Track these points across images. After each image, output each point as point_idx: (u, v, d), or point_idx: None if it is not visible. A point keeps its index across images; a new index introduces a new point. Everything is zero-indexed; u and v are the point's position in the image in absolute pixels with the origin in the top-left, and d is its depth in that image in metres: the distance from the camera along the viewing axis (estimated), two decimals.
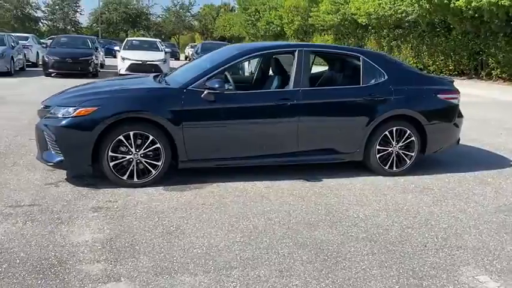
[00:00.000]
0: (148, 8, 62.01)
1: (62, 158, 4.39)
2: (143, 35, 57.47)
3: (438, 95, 5.35)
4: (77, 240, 3.38)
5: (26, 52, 18.53)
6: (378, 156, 5.20)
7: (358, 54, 5.27)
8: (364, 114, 5.05)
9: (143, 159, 4.54)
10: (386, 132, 5.17)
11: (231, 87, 5.09)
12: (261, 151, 4.87)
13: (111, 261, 3.09)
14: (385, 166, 5.25)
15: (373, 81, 5.17)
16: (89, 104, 4.40)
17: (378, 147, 5.18)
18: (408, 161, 5.31)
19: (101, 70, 18.65)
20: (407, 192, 4.77)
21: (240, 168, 5.03)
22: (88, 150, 4.33)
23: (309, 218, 3.97)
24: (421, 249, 3.49)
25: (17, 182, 4.60)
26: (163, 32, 63.29)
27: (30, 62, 18.89)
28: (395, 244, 3.55)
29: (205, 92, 4.54)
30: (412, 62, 25.79)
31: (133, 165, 4.52)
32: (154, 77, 5.44)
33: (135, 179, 4.54)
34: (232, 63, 4.86)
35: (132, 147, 4.48)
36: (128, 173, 4.51)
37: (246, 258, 3.21)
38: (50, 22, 59.93)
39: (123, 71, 15.84)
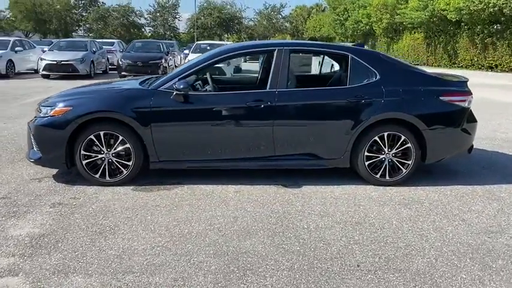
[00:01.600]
0: (240, 12, 63.71)
1: (41, 155, 4.66)
2: (238, 39, 59.25)
3: (441, 97, 4.73)
4: (13, 234, 3.56)
5: (110, 56, 20.06)
6: (366, 163, 4.75)
7: (346, 53, 4.85)
8: (348, 118, 4.65)
9: (114, 159, 4.64)
10: (376, 138, 4.70)
11: (208, 88, 5.02)
12: (234, 154, 4.72)
13: (24, 256, 3.20)
14: (376, 175, 4.78)
15: (361, 82, 4.73)
16: (64, 105, 4.62)
17: (366, 153, 4.73)
18: (404, 170, 4.78)
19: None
20: (387, 205, 4.30)
21: (224, 170, 4.93)
22: (62, 148, 4.54)
23: (252, 227, 3.75)
24: (350, 269, 3.11)
25: (9, 176, 4.98)
26: (255, 35, 64.55)
27: (114, 65, 20.46)
28: (325, 261, 3.21)
29: (174, 93, 4.52)
30: (509, 60, 23.33)
31: (105, 164, 4.65)
32: (149, 78, 5.54)
33: (107, 178, 4.66)
34: (204, 64, 4.76)
35: (103, 147, 4.61)
36: (100, 171, 4.65)
37: (152, 264, 3.13)
38: (151, 28, 64.34)
39: None
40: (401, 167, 4.79)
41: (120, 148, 4.61)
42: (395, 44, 37.25)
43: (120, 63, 16.90)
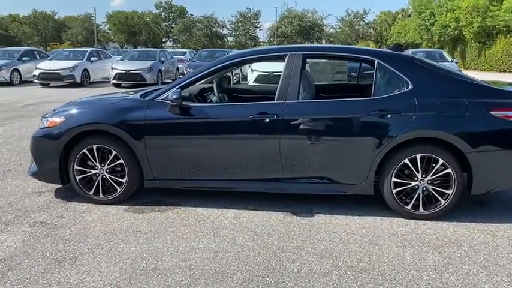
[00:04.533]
0: (322, 19, 62.74)
1: (37, 169, 4.43)
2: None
3: (492, 111, 3.75)
4: None
5: (181, 66, 20.39)
6: (394, 191, 3.91)
7: (372, 58, 4.04)
8: (371, 135, 3.85)
9: (108, 175, 4.28)
10: (407, 161, 3.84)
11: (214, 99, 4.50)
12: (236, 175, 4.13)
13: None
14: (407, 205, 3.91)
15: (389, 92, 3.91)
16: (58, 116, 4.35)
17: (394, 179, 3.89)
18: (443, 201, 3.86)
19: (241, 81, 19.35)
20: (412, 246, 3.43)
21: (232, 191, 4.36)
22: (56, 162, 4.27)
23: (231, 266, 3.13)
24: None
25: (14, 188, 4.83)
26: (336, 42, 63.15)
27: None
28: None
29: (169, 105, 4.04)
30: None
31: (99, 181, 4.30)
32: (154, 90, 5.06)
33: (101, 195, 4.31)
34: (204, 73, 4.22)
35: (96, 162, 4.27)
36: (93, 188, 4.31)
37: None
38: (233, 38, 65.74)
39: (251, 83, 16.07)
40: (439, 198, 3.87)
41: (113, 164, 4.24)
42: (488, 50, 34.09)
43: (185, 72, 17.04)
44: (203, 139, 4.10)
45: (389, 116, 3.82)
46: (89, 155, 4.25)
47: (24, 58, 18.43)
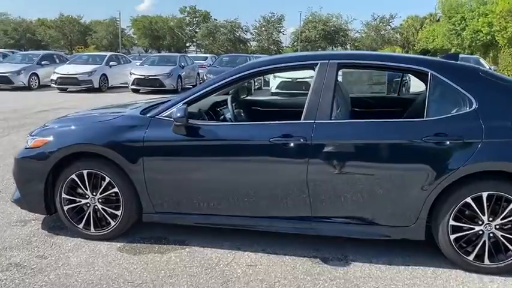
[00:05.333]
0: (347, 24, 61.55)
1: (20, 195, 3.77)
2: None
3: None
4: None
5: (202, 71, 19.78)
6: (452, 237, 3.09)
7: (425, 69, 3.23)
8: (424, 167, 3.04)
9: (101, 206, 3.59)
10: (469, 200, 3.02)
11: (228, 116, 3.77)
12: (253, 210, 3.37)
13: None
14: (469, 255, 3.08)
15: (447, 113, 3.10)
16: (44, 135, 3.69)
17: (452, 222, 3.07)
18: None
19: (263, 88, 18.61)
20: None
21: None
22: (40, 189, 3.60)
23: None
24: None
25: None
26: (361, 47, 61.87)
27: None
28: None
29: (173, 124, 3.32)
30: None
31: (90, 212, 3.61)
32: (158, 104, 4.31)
33: (92, 229, 3.62)
34: (217, 85, 3.46)
35: (87, 190, 3.58)
36: (84, 220, 3.63)
37: None
38: (256, 43, 65.12)
39: (273, 89, 15.32)
40: (511, 248, 3.03)
41: (107, 192, 3.54)
42: None
43: (205, 77, 16.43)
44: (213, 166, 3.36)
45: (447, 142, 3.01)
46: (78, 182, 3.57)
47: (43, 62, 18.12)
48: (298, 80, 14.92)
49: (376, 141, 3.15)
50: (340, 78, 4.90)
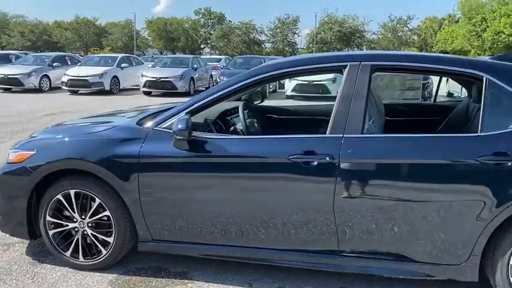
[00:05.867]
0: (363, 25, 60.53)
1: (0, 216, 3.29)
2: None
3: None
4: None
5: (215, 73, 19.30)
6: None
7: (479, 73, 2.64)
8: (479, 193, 2.46)
9: (90, 231, 3.08)
10: None
11: (238, 127, 3.24)
12: (268, 242, 2.83)
13: None
14: None
15: (507, 127, 2.52)
16: (28, 147, 3.19)
17: None
18: None
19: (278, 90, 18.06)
20: None
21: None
22: (22, 210, 3.11)
23: None
24: None
25: None
26: (378, 49, 60.87)
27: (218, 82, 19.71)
28: None
29: (174, 137, 2.80)
30: None
31: (78, 238, 3.11)
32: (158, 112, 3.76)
33: (81, 258, 3.12)
34: (225, 91, 2.90)
35: (75, 213, 3.08)
36: (71, 247, 3.13)
37: None
38: (270, 44, 64.52)
39: (289, 92, 14.77)
40: None
41: (98, 216, 3.04)
42: None
43: (219, 80, 15.94)
44: (221, 187, 2.83)
45: (509, 164, 2.43)
46: (65, 203, 3.07)
47: (54, 64, 17.82)
48: (314, 82, 14.38)
49: (418, 161, 2.57)
50: None
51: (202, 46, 71.34)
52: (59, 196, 3.06)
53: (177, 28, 66.76)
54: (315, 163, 2.63)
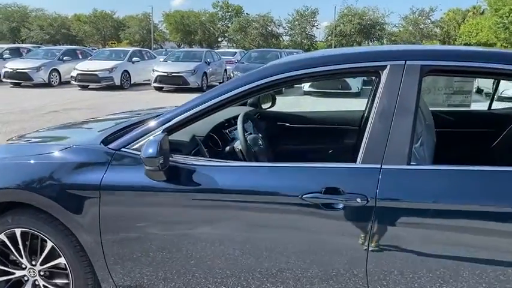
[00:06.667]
0: (384, 17, 58.82)
1: None
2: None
3: None
4: None
5: (229, 67, 18.51)
6: None
7: None
8: None
9: (43, 282, 2.36)
10: None
11: (236, 146, 2.47)
12: None
13: None
14: None
15: None
16: None
17: None
18: None
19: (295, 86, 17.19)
20: None
21: None
22: None
23: None
24: None
25: None
26: (399, 42, 59.16)
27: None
28: None
29: (145, 167, 2.02)
30: None
31: None
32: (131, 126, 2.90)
33: None
34: (216, 101, 2.10)
35: (23, 258, 2.36)
36: None
37: None
38: (288, 37, 63.36)
39: (306, 88, 13.92)
40: None
41: (52, 263, 2.32)
42: None
43: (232, 75, 15.16)
44: (209, 232, 2.08)
45: None
46: (9, 245, 2.35)
47: (65, 58, 17.31)
48: None
49: (491, 207, 1.77)
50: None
51: (219, 39, 70.58)
52: (2, 236, 2.35)
53: (195, 21, 66.05)
54: (340, 206, 1.85)
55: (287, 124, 3.47)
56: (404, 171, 1.85)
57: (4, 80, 16.50)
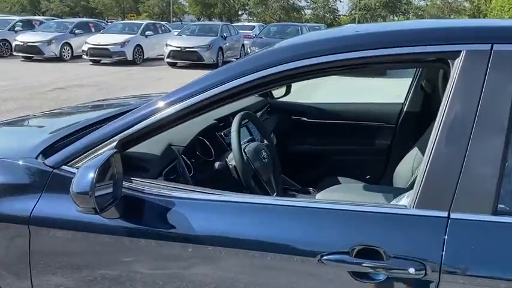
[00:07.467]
0: None
1: None
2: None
3: None
4: None
5: (247, 42, 17.65)
6: None
7: None
8: None
9: None
10: None
11: (229, 161, 1.79)
12: None
13: None
14: None
15: None
16: None
17: None
18: None
19: None
20: None
21: None
22: None
23: None
24: None
25: None
26: (426, 17, 56.84)
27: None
28: None
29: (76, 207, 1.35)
30: None
31: None
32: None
33: None
34: (191, 102, 1.38)
35: None
36: None
37: None
38: (311, 11, 61.55)
39: None
40: None
41: None
42: None
43: (249, 51, 14.34)
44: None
45: None
46: None
47: (77, 31, 16.72)
48: None
49: None
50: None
51: (239, 13, 69.09)
52: None
53: None
54: (381, 277, 1.15)
55: (303, 119, 2.76)
56: (488, 224, 1.14)
57: (15, 53, 16.05)
